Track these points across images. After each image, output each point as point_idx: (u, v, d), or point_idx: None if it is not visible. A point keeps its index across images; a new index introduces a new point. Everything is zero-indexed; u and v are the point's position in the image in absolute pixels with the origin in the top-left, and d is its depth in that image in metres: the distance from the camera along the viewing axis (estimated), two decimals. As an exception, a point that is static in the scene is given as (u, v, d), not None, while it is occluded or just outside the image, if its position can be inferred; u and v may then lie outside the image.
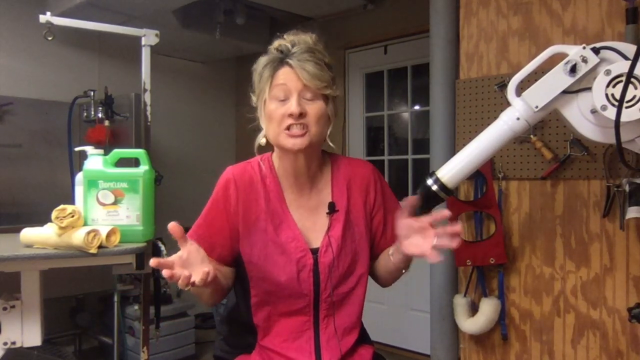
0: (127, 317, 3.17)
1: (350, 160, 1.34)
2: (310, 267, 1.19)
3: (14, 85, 3.14)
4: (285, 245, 1.19)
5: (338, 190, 1.27)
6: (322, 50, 1.19)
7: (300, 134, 1.13)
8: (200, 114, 4.27)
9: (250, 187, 1.22)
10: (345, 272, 1.22)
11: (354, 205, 1.27)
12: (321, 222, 1.23)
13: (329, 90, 1.16)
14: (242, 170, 1.24)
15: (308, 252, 1.19)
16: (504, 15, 1.90)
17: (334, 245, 1.21)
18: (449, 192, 1.24)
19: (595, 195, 1.71)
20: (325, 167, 1.29)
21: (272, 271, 1.18)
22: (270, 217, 1.21)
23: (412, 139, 3.56)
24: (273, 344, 1.21)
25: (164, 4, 3.00)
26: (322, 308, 1.21)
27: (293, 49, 1.15)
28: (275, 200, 1.22)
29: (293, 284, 1.18)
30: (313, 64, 1.13)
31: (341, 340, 1.22)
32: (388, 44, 3.61)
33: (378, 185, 1.31)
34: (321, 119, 1.15)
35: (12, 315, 1.64)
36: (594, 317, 1.71)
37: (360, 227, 1.26)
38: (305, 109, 1.13)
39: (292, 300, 1.19)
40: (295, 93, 1.13)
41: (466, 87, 1.97)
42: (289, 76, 1.13)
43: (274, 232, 1.20)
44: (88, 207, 1.69)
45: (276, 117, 1.14)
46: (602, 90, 1.09)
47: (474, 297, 1.96)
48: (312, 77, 1.12)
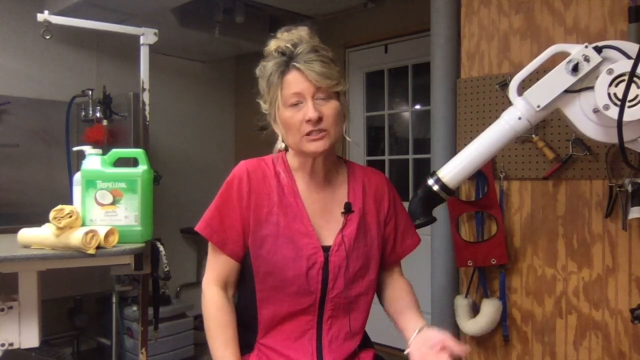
0: (125, 318, 3.15)
1: (364, 167, 1.33)
2: (320, 264, 1.16)
3: (12, 84, 3.13)
4: (297, 240, 1.17)
5: (354, 192, 1.25)
6: (323, 45, 1.17)
7: (320, 137, 1.13)
8: (199, 114, 4.26)
9: (264, 181, 1.21)
10: (356, 275, 1.20)
11: (368, 210, 1.25)
12: (335, 220, 1.21)
13: (340, 87, 1.15)
14: (255, 165, 1.23)
15: (320, 250, 1.17)
16: (506, 13, 1.89)
17: (347, 244, 1.19)
18: (450, 192, 1.23)
19: (598, 195, 1.69)
20: (340, 168, 1.29)
21: (280, 266, 1.16)
22: (283, 210, 1.18)
23: (412, 138, 3.55)
24: (274, 343, 1.19)
25: (163, 3, 2.98)
26: (327, 308, 1.18)
27: (296, 49, 1.13)
28: (289, 195, 1.20)
29: (301, 280, 1.16)
30: (320, 63, 1.11)
31: (343, 344, 1.20)
32: (389, 43, 3.59)
33: (391, 195, 1.30)
34: (338, 118, 1.15)
35: (9, 316, 1.63)
36: (596, 318, 1.70)
37: (373, 232, 1.25)
38: (322, 111, 1.12)
39: (298, 297, 1.17)
40: (309, 97, 1.11)
41: (467, 87, 1.96)
42: (299, 80, 1.11)
43: (286, 226, 1.17)
44: (86, 208, 1.68)
45: (294, 124, 1.13)
46: (604, 90, 1.08)
47: (475, 298, 1.95)
48: (323, 77, 1.10)
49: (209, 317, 1.19)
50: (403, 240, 1.30)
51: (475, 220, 1.94)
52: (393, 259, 1.31)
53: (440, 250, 2.14)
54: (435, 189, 1.24)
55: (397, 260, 1.32)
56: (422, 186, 1.29)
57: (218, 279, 1.21)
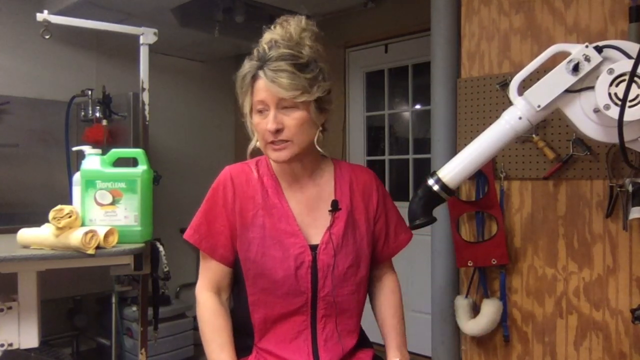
0: (125, 319, 3.15)
1: (352, 164, 1.33)
2: (308, 263, 1.16)
3: (11, 84, 3.12)
4: (284, 241, 1.17)
5: (341, 189, 1.25)
6: (304, 42, 1.14)
7: (281, 148, 1.13)
8: (199, 113, 4.25)
9: (247, 184, 1.21)
10: (346, 273, 1.20)
11: (356, 206, 1.25)
12: (322, 218, 1.21)
13: (305, 97, 1.11)
14: (239, 170, 1.24)
15: (307, 249, 1.17)
16: (506, 13, 1.89)
17: (335, 242, 1.19)
18: (450, 193, 1.22)
19: (598, 195, 1.69)
20: (326, 165, 1.28)
21: (269, 267, 1.16)
22: (268, 212, 1.19)
23: (413, 138, 3.55)
24: (270, 345, 1.19)
25: (163, 2, 2.98)
26: (319, 307, 1.18)
27: (270, 52, 1.12)
28: (274, 196, 1.21)
29: (290, 280, 1.16)
30: (285, 73, 1.09)
31: (339, 342, 1.20)
32: (389, 43, 3.59)
33: (380, 192, 1.30)
34: (303, 127, 1.13)
35: (9, 316, 1.62)
36: (597, 318, 1.70)
37: (362, 229, 1.25)
38: (284, 121, 1.11)
39: (290, 298, 1.17)
40: (272, 106, 1.11)
41: (467, 86, 1.96)
42: (264, 89, 1.11)
43: (272, 227, 1.18)
44: (86, 208, 1.68)
45: (260, 131, 1.15)
46: (605, 89, 1.08)
47: (475, 299, 1.95)
48: (285, 89, 1.09)
49: (204, 321, 1.20)
50: (396, 236, 1.30)
51: (476, 220, 1.94)
52: (386, 255, 1.31)
53: (440, 250, 2.13)
54: (436, 189, 1.24)
55: (390, 256, 1.33)
56: (422, 186, 1.28)
57: (211, 284, 1.22)
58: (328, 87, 1.17)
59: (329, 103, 1.19)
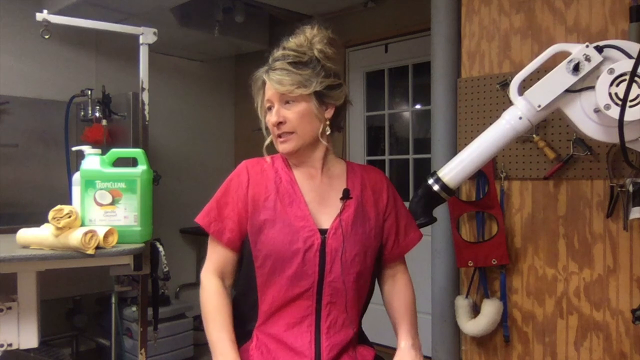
0: (124, 319, 3.15)
1: (363, 165, 1.39)
2: (317, 247, 1.19)
3: (11, 84, 3.12)
4: (294, 223, 1.20)
5: (352, 182, 1.30)
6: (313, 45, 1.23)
7: (286, 140, 1.23)
8: (198, 113, 4.25)
9: (262, 173, 1.27)
10: (353, 260, 1.21)
11: (367, 199, 1.29)
12: (333, 205, 1.25)
13: (302, 90, 1.19)
14: (254, 162, 1.31)
15: (316, 232, 1.20)
16: (506, 13, 1.88)
17: (344, 228, 1.21)
18: (450, 192, 1.22)
19: (599, 195, 1.69)
20: (338, 163, 1.33)
21: (278, 248, 1.19)
22: (280, 197, 1.24)
23: (413, 138, 3.54)
24: (273, 329, 1.21)
25: (162, 2, 2.98)
26: (325, 293, 1.20)
27: (276, 56, 1.24)
28: (287, 183, 1.26)
29: (298, 262, 1.18)
30: (283, 71, 1.20)
31: (341, 331, 1.21)
32: (389, 43, 3.58)
33: (390, 191, 1.33)
34: (303, 119, 1.21)
35: (8, 316, 1.62)
36: (597, 318, 1.70)
37: (372, 221, 1.27)
38: (285, 115, 1.21)
39: (296, 281, 1.19)
40: (276, 102, 1.22)
41: (468, 86, 1.95)
42: (269, 87, 1.22)
43: (283, 210, 1.22)
44: (85, 208, 1.68)
45: (269, 127, 1.25)
46: (605, 89, 1.08)
47: (475, 299, 1.95)
48: (280, 84, 1.19)
49: (206, 302, 1.24)
50: (406, 234, 1.33)
51: (476, 221, 1.94)
52: (397, 253, 1.33)
53: (440, 251, 2.13)
54: (436, 188, 1.24)
55: (401, 254, 1.35)
56: (422, 186, 1.28)
57: (215, 268, 1.27)
58: (330, 83, 1.22)
59: (333, 99, 1.25)
